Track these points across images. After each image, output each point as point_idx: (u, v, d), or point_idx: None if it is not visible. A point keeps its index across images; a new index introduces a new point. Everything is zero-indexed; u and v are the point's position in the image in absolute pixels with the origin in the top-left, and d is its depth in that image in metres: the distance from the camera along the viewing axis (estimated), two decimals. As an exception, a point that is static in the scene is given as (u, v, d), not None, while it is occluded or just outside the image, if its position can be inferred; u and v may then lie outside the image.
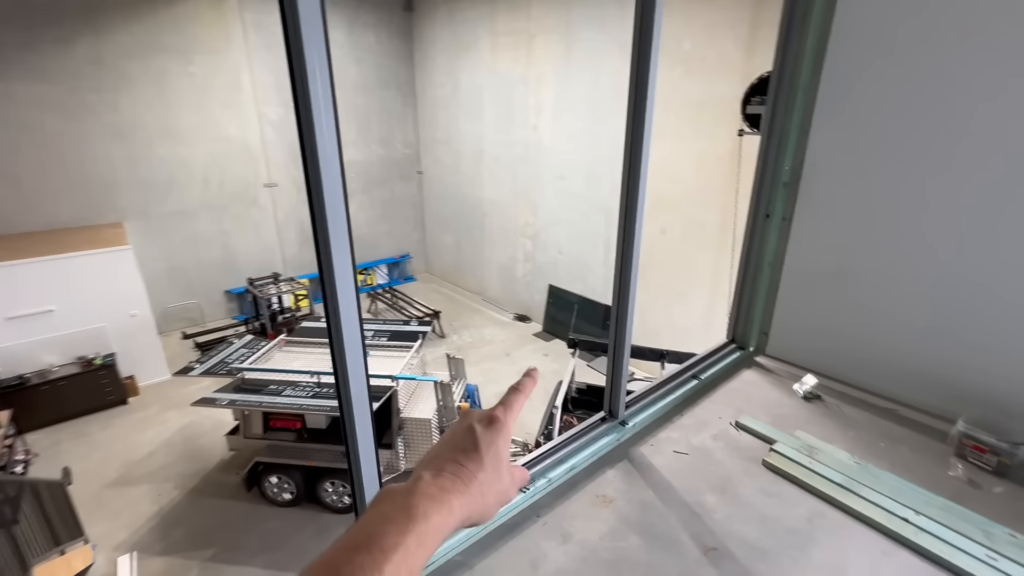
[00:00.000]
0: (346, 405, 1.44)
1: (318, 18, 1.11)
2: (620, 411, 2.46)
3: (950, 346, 2.55)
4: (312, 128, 1.16)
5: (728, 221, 7.71)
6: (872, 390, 2.84)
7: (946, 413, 2.53)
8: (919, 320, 2.64)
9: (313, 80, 1.13)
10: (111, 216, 9.91)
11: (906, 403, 2.71)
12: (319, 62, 1.13)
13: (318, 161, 1.19)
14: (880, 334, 2.80)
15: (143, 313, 8.94)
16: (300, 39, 1.10)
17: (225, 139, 10.86)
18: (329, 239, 1.27)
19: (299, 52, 1.10)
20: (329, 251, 1.28)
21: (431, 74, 12.91)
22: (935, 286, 2.56)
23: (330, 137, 1.20)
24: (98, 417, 8.32)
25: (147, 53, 9.61)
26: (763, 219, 3.02)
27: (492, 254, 12.68)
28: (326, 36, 1.14)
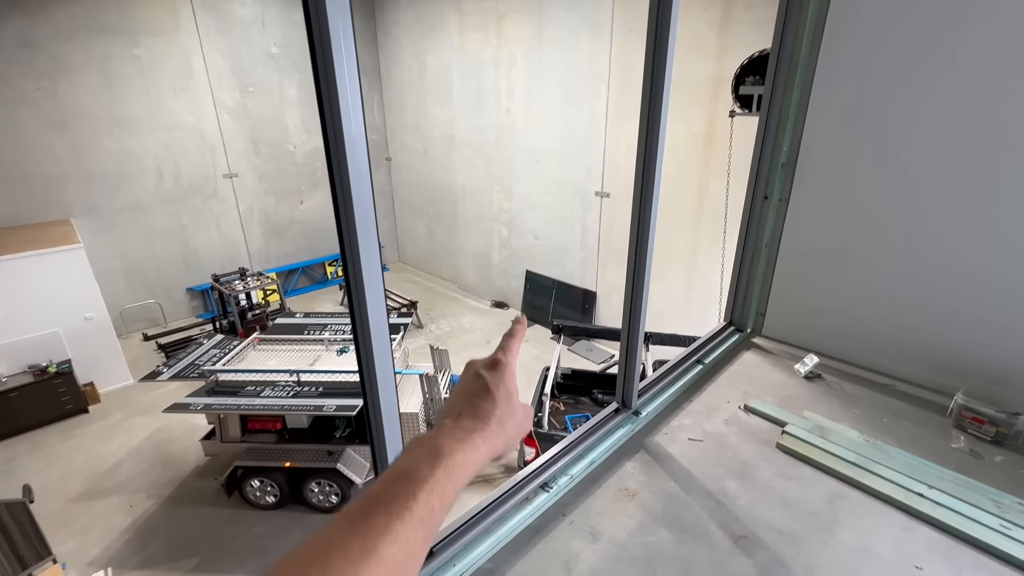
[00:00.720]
0: (372, 403, 1.33)
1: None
2: (633, 401, 2.43)
3: (946, 321, 2.62)
4: (338, 113, 1.03)
5: (706, 203, 7.79)
6: (870, 367, 2.91)
7: (944, 387, 2.61)
8: (915, 296, 2.70)
9: (340, 65, 0.99)
10: (56, 213, 9.21)
11: (904, 378, 2.79)
12: (346, 44, 0.99)
13: (343, 144, 1.07)
14: (877, 311, 2.85)
15: (99, 315, 8.40)
16: (326, 19, 0.96)
17: (178, 127, 10.21)
18: (355, 227, 1.14)
19: (324, 32, 0.97)
20: (355, 239, 1.15)
21: (396, 56, 12.46)
22: (931, 262, 2.62)
23: (356, 121, 1.07)
24: (57, 428, 7.82)
25: (86, 35, 8.87)
26: (761, 201, 3.02)
27: (467, 241, 12.50)
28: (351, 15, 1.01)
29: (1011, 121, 2.27)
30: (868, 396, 2.71)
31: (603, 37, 8.46)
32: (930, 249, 2.61)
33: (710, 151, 7.42)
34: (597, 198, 9.44)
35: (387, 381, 1.30)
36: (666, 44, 1.84)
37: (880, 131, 2.64)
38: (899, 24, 2.45)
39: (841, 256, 2.94)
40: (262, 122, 11.27)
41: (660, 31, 1.85)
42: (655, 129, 1.94)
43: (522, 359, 9.99)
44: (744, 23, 6.78)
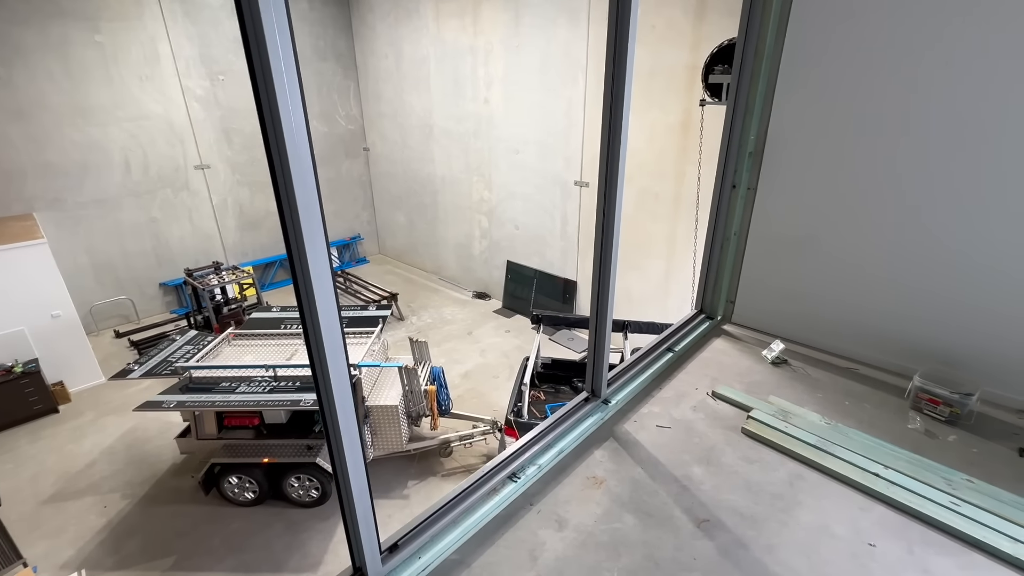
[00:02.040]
0: (326, 396, 1.31)
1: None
2: (603, 389, 2.45)
3: (907, 304, 2.69)
4: (275, 103, 1.00)
5: (683, 192, 7.85)
6: (834, 351, 2.99)
7: (903, 370, 2.70)
8: (877, 281, 2.77)
9: (274, 51, 0.96)
10: (17, 207, 8.87)
11: (866, 362, 2.87)
12: (280, 32, 0.96)
13: (283, 139, 1.03)
14: (841, 297, 2.92)
15: (66, 313, 8.14)
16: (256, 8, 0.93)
17: (145, 117, 9.88)
18: (299, 221, 1.11)
19: (255, 20, 0.93)
20: (300, 233, 1.13)
21: (372, 44, 12.21)
22: (892, 248, 2.68)
23: (297, 113, 1.04)
24: (25, 429, 7.60)
25: (42, 18, 8.48)
26: (730, 190, 3.05)
27: (447, 232, 12.41)
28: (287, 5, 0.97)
29: (972, 108, 2.32)
30: (831, 380, 2.78)
31: (580, 25, 8.40)
32: (892, 235, 2.68)
33: (686, 140, 7.46)
34: (576, 188, 9.45)
35: (342, 381, 1.29)
36: (627, 32, 1.83)
37: (844, 120, 2.68)
38: (863, 14, 2.48)
39: (807, 243, 3.00)
40: (234, 111, 10.97)
41: (620, 19, 1.84)
42: (618, 117, 1.94)
43: (503, 349, 10.03)
44: (719, 11, 6.79)
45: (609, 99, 1.94)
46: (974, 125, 2.32)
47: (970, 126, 2.33)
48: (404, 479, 6.59)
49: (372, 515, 1.51)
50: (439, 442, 6.68)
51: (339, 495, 1.47)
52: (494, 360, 9.42)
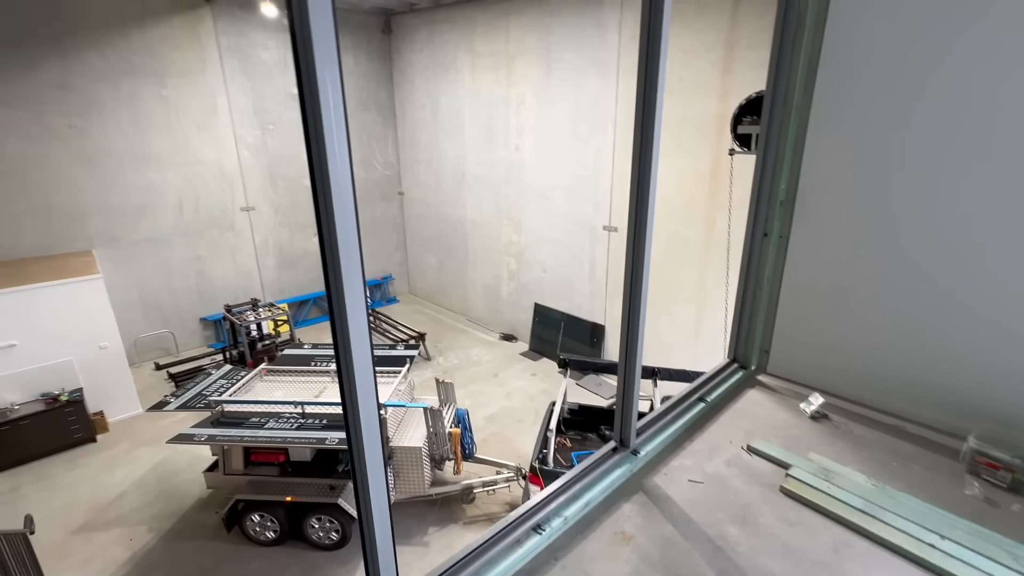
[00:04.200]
0: (354, 431, 1.32)
1: (332, 42, 1.03)
2: (631, 439, 2.38)
3: (955, 361, 2.55)
4: (323, 151, 1.08)
5: (713, 237, 7.80)
6: (878, 407, 2.83)
7: (955, 429, 2.52)
8: (922, 335, 2.64)
9: (326, 105, 1.04)
10: (79, 244, 9.52)
11: (913, 419, 2.70)
12: (332, 86, 1.04)
13: (329, 183, 1.10)
14: (883, 350, 2.79)
15: (113, 344, 8.53)
16: (313, 65, 1.02)
17: (200, 163, 10.61)
18: (340, 263, 1.17)
19: (311, 76, 1.02)
20: (339, 275, 1.18)
21: (411, 95, 12.93)
22: (937, 301, 2.58)
23: (343, 160, 1.11)
24: (63, 457, 7.84)
25: (117, 76, 9.38)
26: (761, 238, 3.02)
27: (476, 274, 12.59)
28: (339, 60, 1.06)
29: (1010, 158, 2.28)
30: (876, 438, 2.62)
31: (609, 76, 8.72)
32: (934, 287, 2.58)
33: (716, 187, 7.48)
34: (605, 232, 9.51)
35: (371, 421, 1.30)
36: (656, 82, 1.89)
37: (877, 170, 2.65)
38: (890, 67, 2.50)
39: (844, 293, 2.91)
40: (280, 158, 11.67)
41: (650, 72, 1.91)
42: (647, 165, 1.98)
43: (529, 392, 9.89)
44: (746, 63, 6.95)
45: (638, 147, 2.00)
46: (1017, 172, 2.26)
47: (1013, 173, 2.27)
48: (425, 525, 6.43)
49: (394, 563, 1.48)
50: (462, 488, 6.53)
51: (362, 539, 1.45)
52: (519, 404, 9.28)
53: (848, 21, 2.59)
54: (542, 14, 9.43)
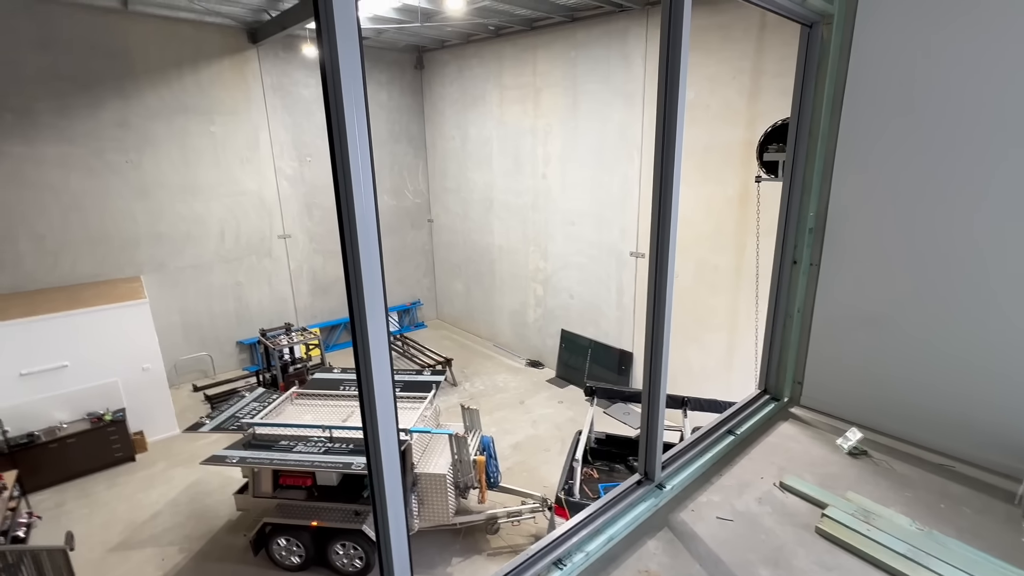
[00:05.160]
0: (375, 459, 1.35)
1: (359, 81, 1.10)
2: (657, 473, 2.32)
3: (1011, 395, 2.40)
4: (349, 183, 1.14)
5: (743, 264, 7.65)
6: (924, 444, 2.68)
7: (1011, 470, 2.36)
8: (972, 367, 2.51)
9: (352, 138, 1.11)
10: (129, 270, 10.07)
11: (964, 459, 2.54)
12: (359, 122, 1.11)
13: (354, 213, 1.16)
14: (928, 383, 2.66)
15: (155, 366, 8.89)
16: (341, 103, 1.09)
17: (242, 193, 11.17)
18: (363, 292, 1.22)
19: (339, 113, 1.09)
20: (363, 302, 1.22)
21: (441, 127, 13.36)
22: (987, 330, 2.45)
23: (367, 192, 1.17)
24: (104, 475, 8.12)
25: (171, 114, 10.06)
26: (790, 265, 2.96)
27: (503, 300, 12.66)
28: (366, 98, 1.13)
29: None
30: (922, 477, 2.47)
31: (635, 106, 8.81)
32: (984, 315, 2.46)
33: (745, 213, 7.38)
34: (632, 258, 9.46)
35: (390, 445, 1.33)
36: (676, 111, 1.92)
37: (911, 197, 2.58)
38: (919, 93, 2.46)
39: (882, 322, 2.80)
40: (316, 188, 12.17)
41: (669, 102, 1.94)
42: (668, 190, 1.99)
43: (556, 420, 9.74)
44: (773, 90, 6.93)
45: (659, 175, 2.02)
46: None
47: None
48: (448, 555, 6.33)
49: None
50: (486, 517, 6.43)
51: (380, 565, 1.46)
52: (546, 432, 9.14)
53: (873, 50, 2.58)
54: (568, 47, 9.69)
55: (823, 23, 2.56)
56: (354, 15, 1.07)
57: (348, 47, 1.07)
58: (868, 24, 2.58)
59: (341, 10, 1.06)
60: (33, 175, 8.90)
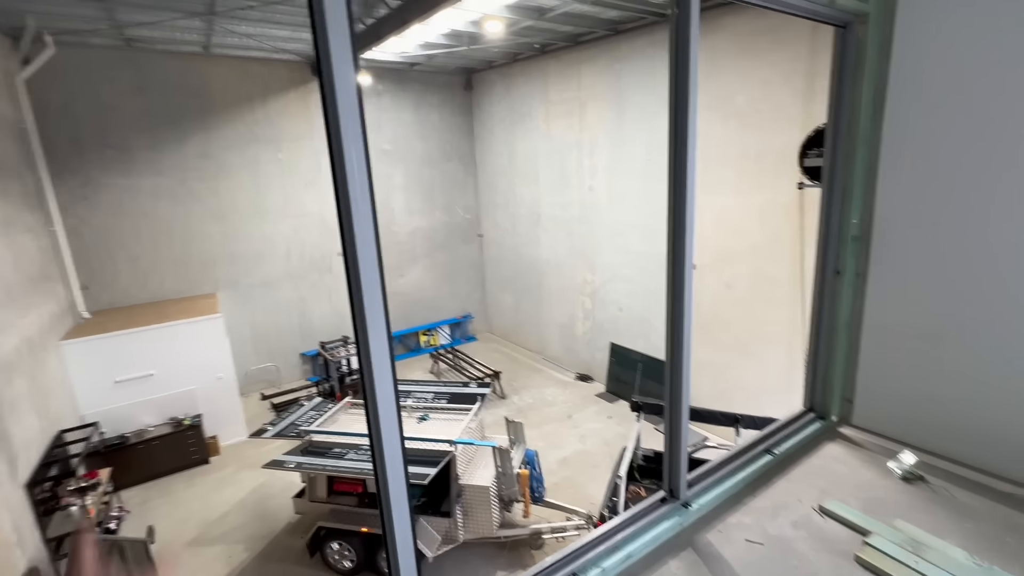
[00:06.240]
0: (380, 471, 1.43)
1: (356, 114, 1.21)
2: (681, 490, 2.26)
3: (1085, 420, 2.14)
4: (349, 207, 1.25)
5: (804, 274, 7.24)
6: (990, 470, 2.43)
7: (1092, 504, 2.09)
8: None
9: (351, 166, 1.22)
10: (207, 287, 11.03)
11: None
12: (357, 155, 1.22)
13: (355, 237, 1.27)
14: (995, 403, 2.42)
15: (228, 376, 9.63)
16: (340, 136, 1.20)
17: (306, 215, 11.97)
18: (364, 307, 1.31)
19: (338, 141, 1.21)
20: (364, 318, 1.32)
21: (489, 144, 13.69)
22: (1053, 348, 2.21)
23: (366, 217, 1.27)
24: (183, 475, 8.85)
25: (244, 144, 11.01)
26: (833, 275, 2.81)
27: (551, 313, 12.65)
28: (363, 131, 1.24)
29: None
30: (986, 507, 2.24)
31: (682, 115, 8.63)
32: (1049, 331, 2.22)
33: (803, 221, 7.00)
34: (682, 270, 9.19)
35: (394, 449, 1.41)
36: (687, 114, 1.92)
37: (965, 201, 2.39)
38: (967, 92, 2.29)
39: (939, 336, 2.59)
40: (376, 205, 12.82)
41: (680, 107, 1.94)
42: (681, 197, 1.98)
43: (605, 436, 9.54)
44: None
45: (673, 180, 2.02)
46: None
47: None
48: (492, 569, 6.35)
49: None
50: (530, 532, 6.40)
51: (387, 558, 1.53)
52: (594, 448, 8.99)
53: (918, 46, 2.43)
54: (612, 60, 9.69)
55: (857, 23, 2.45)
56: (349, 54, 1.19)
57: (344, 87, 1.19)
58: (910, 20, 2.44)
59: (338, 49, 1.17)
60: (130, 204, 10.00)
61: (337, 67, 1.16)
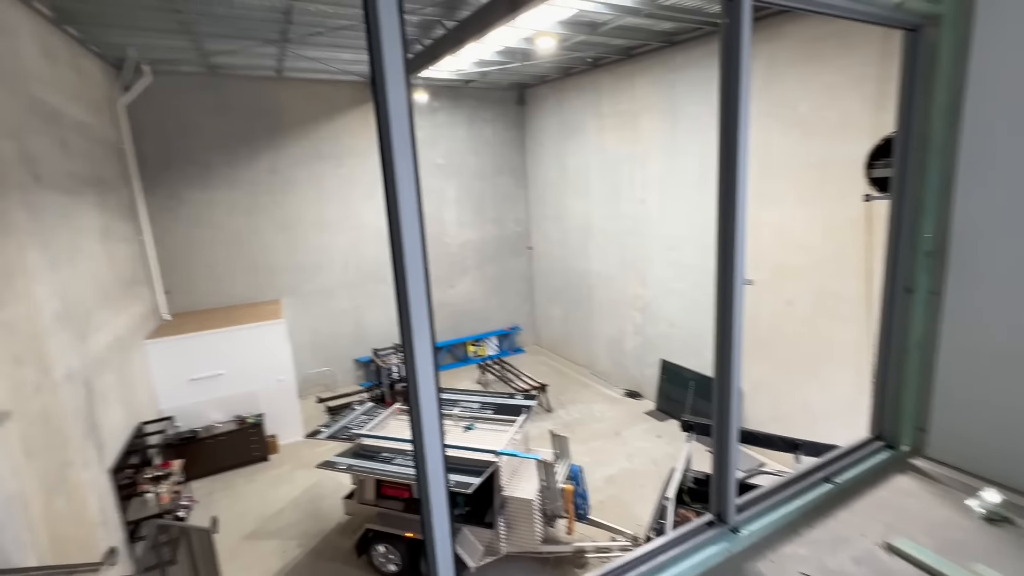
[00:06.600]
0: (421, 475, 1.47)
1: (407, 134, 1.28)
2: (730, 514, 2.16)
3: None
4: (399, 221, 1.31)
5: (873, 292, 6.76)
6: (1092, 517, 2.16)
7: None
8: None
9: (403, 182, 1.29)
10: (272, 294, 11.74)
11: None
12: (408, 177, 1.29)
13: (403, 250, 1.33)
14: (1093, 440, 2.16)
15: (288, 378, 10.17)
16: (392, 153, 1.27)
17: (363, 227, 12.52)
18: (411, 320, 1.37)
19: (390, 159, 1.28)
20: (411, 331, 1.37)
21: (541, 158, 13.81)
22: None
23: (414, 231, 1.33)
24: (245, 471, 9.38)
25: (309, 160, 11.72)
26: (903, 293, 2.62)
27: (600, 326, 12.47)
28: (414, 151, 1.31)
29: None
30: (1088, 558, 1.99)
31: (740, 125, 8.36)
32: None
33: (873, 236, 6.55)
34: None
35: (435, 455, 1.45)
36: (737, 123, 1.88)
37: (1058, 213, 2.17)
38: (1060, 93, 2.09)
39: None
40: (424, 219, 13.22)
41: (729, 117, 1.90)
42: (731, 206, 1.93)
43: (653, 455, 9.23)
44: (905, 98, 6.16)
45: (722, 191, 1.97)
46: None
47: None
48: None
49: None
50: (574, 550, 6.28)
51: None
52: (642, 467, 8.72)
53: (1001, 48, 2.25)
54: (667, 71, 9.56)
55: (929, 25, 2.30)
56: (402, 73, 1.26)
57: (398, 107, 1.26)
58: (992, 21, 2.26)
59: (392, 70, 1.25)
60: (208, 216, 10.87)
61: (391, 87, 1.24)
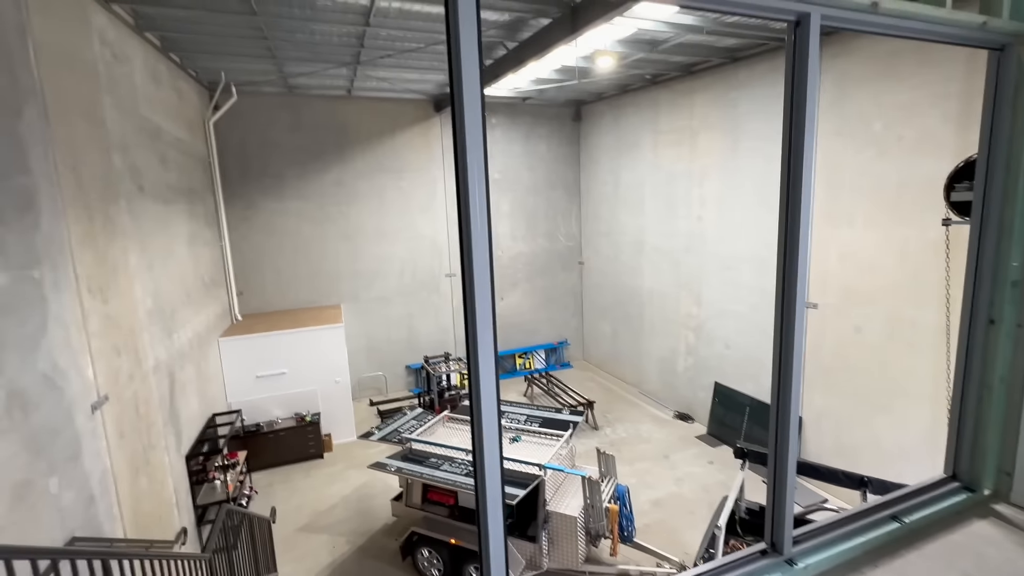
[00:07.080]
0: (480, 488, 1.56)
1: (480, 150, 1.40)
2: (786, 545, 2.10)
3: None
4: (470, 233, 1.42)
5: (954, 321, 6.27)
6: None
7: None
8: None
9: (473, 196, 1.40)
10: (333, 299, 12.38)
11: None
12: (479, 187, 1.40)
13: (472, 263, 1.44)
14: None
15: (344, 380, 10.64)
16: (466, 169, 1.39)
17: (420, 237, 12.99)
18: (477, 334, 1.47)
19: (464, 176, 1.40)
20: (476, 344, 1.47)
21: (595, 173, 13.82)
22: None
23: (482, 245, 1.44)
24: (301, 466, 9.87)
25: (372, 173, 12.35)
26: (986, 325, 2.47)
27: (651, 345, 12.21)
28: (486, 164, 1.42)
29: None
30: None
31: (806, 143, 8.05)
32: None
33: (953, 261, 6.09)
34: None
35: (494, 466, 1.53)
36: (802, 141, 1.88)
37: None
38: None
39: None
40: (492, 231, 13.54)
41: (795, 133, 1.90)
42: (795, 224, 1.93)
43: (704, 482, 8.90)
44: (994, 114, 5.74)
45: (784, 210, 1.97)
46: None
47: None
48: (576, 603, 6.18)
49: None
50: (617, 572, 6.15)
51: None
52: (691, 492, 8.42)
53: (1101, 65, 2.11)
54: (728, 88, 9.37)
55: (1018, 43, 2.19)
56: (478, 95, 1.38)
57: (473, 126, 1.38)
58: (1091, 37, 2.13)
59: (469, 91, 1.37)
60: (279, 224, 11.66)
61: (467, 104, 1.36)
